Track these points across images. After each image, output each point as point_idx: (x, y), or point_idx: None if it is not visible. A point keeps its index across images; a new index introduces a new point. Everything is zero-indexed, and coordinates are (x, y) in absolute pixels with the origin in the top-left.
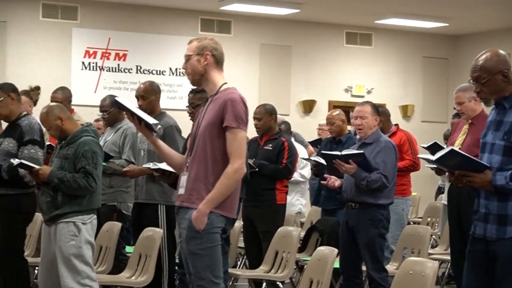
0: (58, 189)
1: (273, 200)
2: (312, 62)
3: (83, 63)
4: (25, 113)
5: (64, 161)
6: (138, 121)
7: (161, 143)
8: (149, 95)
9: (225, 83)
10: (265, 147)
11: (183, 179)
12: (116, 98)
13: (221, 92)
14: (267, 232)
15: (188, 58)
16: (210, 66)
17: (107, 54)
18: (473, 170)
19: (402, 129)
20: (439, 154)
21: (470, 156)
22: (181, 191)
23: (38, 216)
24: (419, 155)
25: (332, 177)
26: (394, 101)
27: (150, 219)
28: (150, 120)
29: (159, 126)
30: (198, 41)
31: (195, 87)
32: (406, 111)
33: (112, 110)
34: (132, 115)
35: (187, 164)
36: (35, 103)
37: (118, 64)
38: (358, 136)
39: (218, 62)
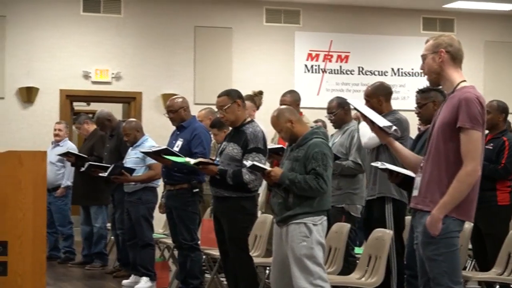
0: (289, 190)
1: (494, 201)
2: None
3: (305, 66)
4: (249, 119)
5: (294, 163)
6: (371, 123)
7: (397, 144)
8: (372, 97)
9: (463, 81)
10: (487, 146)
11: (417, 181)
12: (348, 100)
13: (457, 90)
14: (489, 234)
15: (424, 57)
16: (446, 63)
17: (329, 57)
18: None
19: None
20: None
21: None
22: (415, 192)
23: (267, 217)
24: None
25: None
26: None
27: (378, 219)
28: (383, 122)
29: (394, 127)
30: (433, 39)
31: (421, 87)
32: None
33: (339, 112)
34: (365, 117)
35: (421, 165)
36: (258, 108)
37: (340, 66)
38: None
39: (455, 58)
